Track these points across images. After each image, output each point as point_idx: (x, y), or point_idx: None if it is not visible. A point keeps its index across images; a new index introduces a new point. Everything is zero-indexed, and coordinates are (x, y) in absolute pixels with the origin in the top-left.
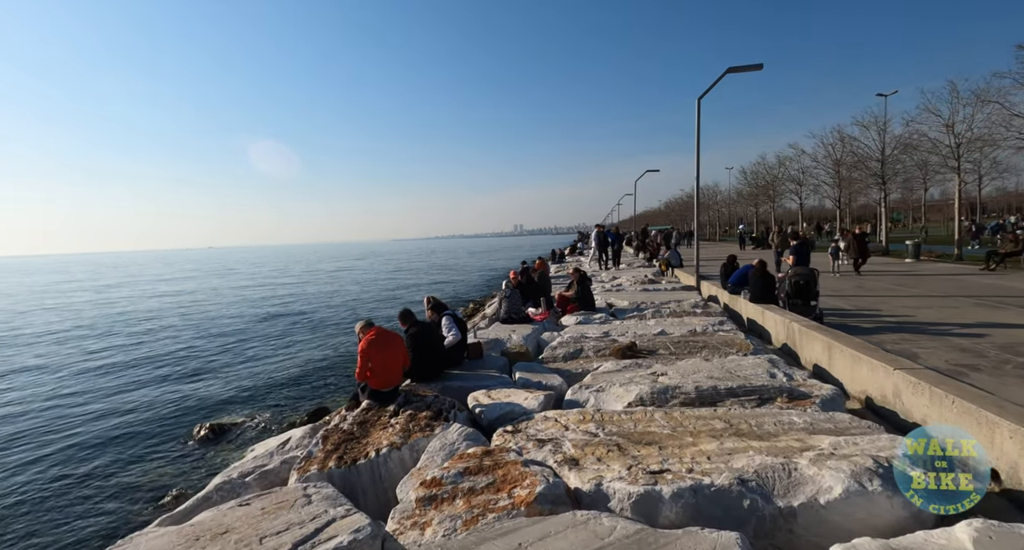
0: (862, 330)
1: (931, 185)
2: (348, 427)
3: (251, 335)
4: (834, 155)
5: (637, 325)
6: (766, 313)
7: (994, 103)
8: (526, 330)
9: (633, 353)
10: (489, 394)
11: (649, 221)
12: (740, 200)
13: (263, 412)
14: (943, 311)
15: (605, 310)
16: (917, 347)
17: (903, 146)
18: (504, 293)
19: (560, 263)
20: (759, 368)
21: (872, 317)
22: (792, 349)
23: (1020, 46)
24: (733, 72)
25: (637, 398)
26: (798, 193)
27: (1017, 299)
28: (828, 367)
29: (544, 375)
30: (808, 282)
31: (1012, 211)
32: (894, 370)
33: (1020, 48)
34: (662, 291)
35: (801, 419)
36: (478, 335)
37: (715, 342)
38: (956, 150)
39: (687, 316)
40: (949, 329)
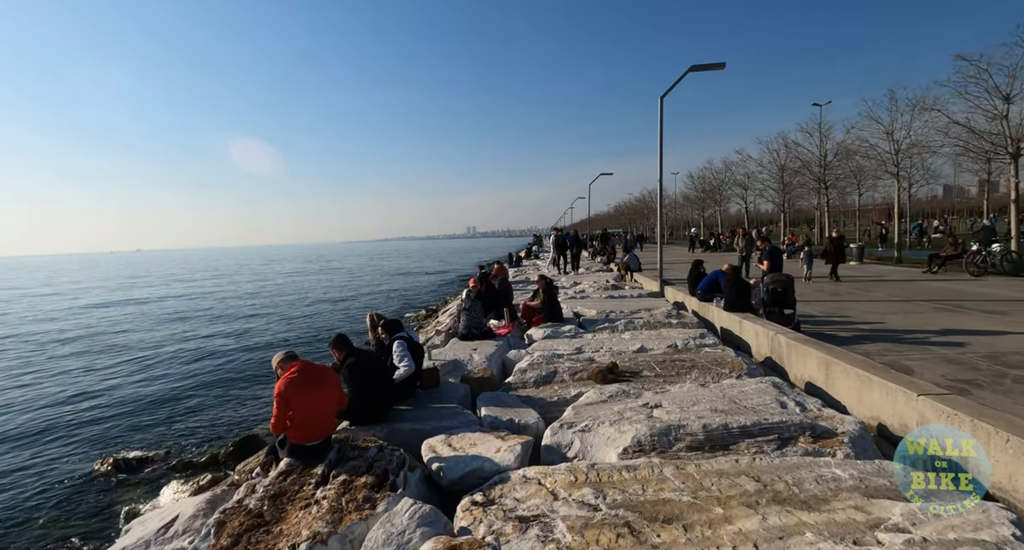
0: (841, 339)
1: (865, 190)
2: (256, 504)
3: (166, 352)
4: (779, 160)
5: (611, 339)
6: (744, 323)
7: (934, 110)
8: (489, 348)
9: (615, 376)
10: (450, 441)
11: (600, 224)
12: (687, 204)
13: (182, 439)
14: (910, 317)
15: (573, 321)
16: (905, 359)
17: (845, 152)
18: (464, 304)
19: (518, 267)
20: (765, 396)
21: (845, 324)
22: (778, 364)
23: (958, 56)
24: (695, 70)
25: (634, 442)
26: (744, 197)
27: (972, 302)
28: (826, 387)
29: (515, 410)
30: (786, 289)
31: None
32: (918, 397)
33: (958, 58)
34: (628, 298)
35: (846, 472)
36: (433, 356)
37: (704, 361)
38: (896, 156)
39: (663, 328)
40: (926, 337)
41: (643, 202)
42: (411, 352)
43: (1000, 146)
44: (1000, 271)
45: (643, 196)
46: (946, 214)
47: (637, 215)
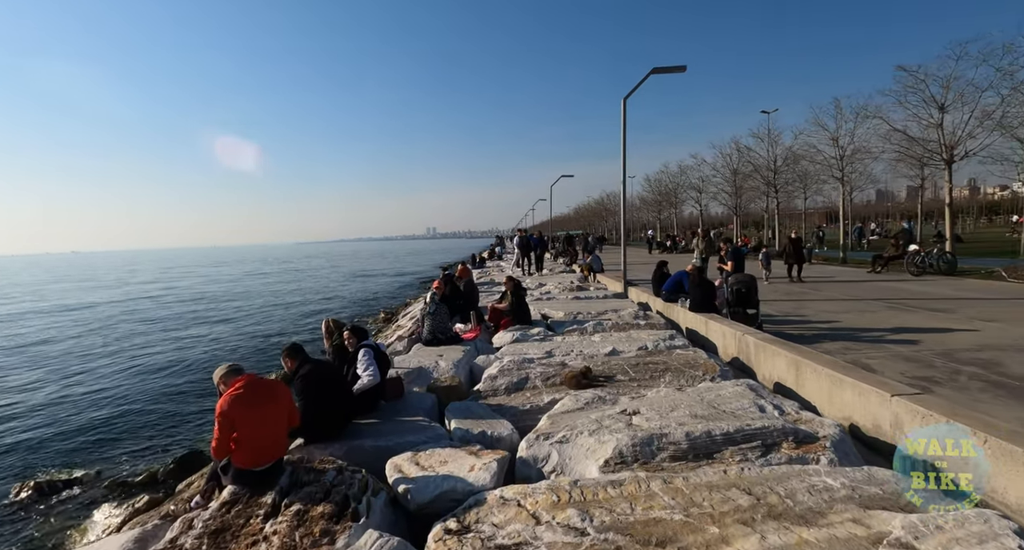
0: (801, 338)
1: (810, 194)
2: (193, 544)
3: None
4: (731, 164)
5: (581, 342)
6: (710, 324)
7: (876, 118)
8: (456, 354)
9: (589, 381)
10: (417, 459)
11: (561, 226)
12: (644, 206)
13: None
14: (864, 315)
15: (542, 323)
16: (865, 358)
17: (794, 157)
18: (428, 308)
19: (481, 268)
20: (743, 399)
21: (803, 323)
22: (746, 364)
23: (899, 67)
24: (657, 72)
25: (615, 453)
26: (699, 200)
27: (917, 301)
28: (796, 387)
29: (487, 421)
30: (749, 289)
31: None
32: (892, 397)
33: (899, 69)
34: (594, 299)
35: (837, 481)
36: (396, 364)
37: (676, 363)
38: (840, 161)
39: (632, 329)
40: (881, 336)
41: (602, 204)
42: (377, 362)
43: (935, 153)
44: (937, 271)
45: (602, 198)
46: (879, 217)
47: (596, 217)
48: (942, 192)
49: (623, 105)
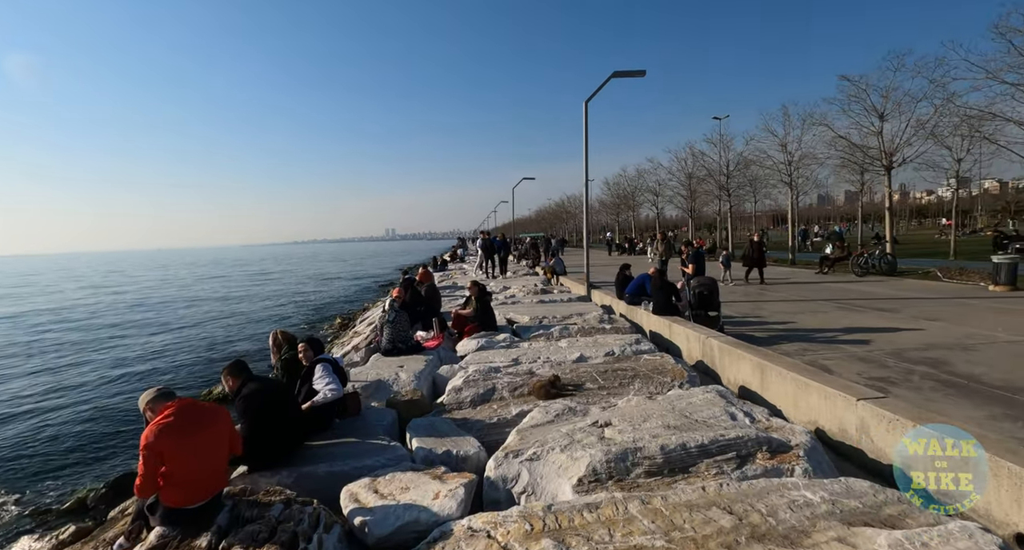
0: (761, 340)
1: (760, 198)
2: None
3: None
4: (686, 168)
5: (548, 348)
6: (674, 327)
7: (822, 125)
8: (417, 364)
9: (558, 390)
10: (376, 486)
11: (522, 228)
12: (603, 209)
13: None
14: (817, 316)
15: (507, 329)
16: (822, 359)
17: (745, 162)
18: (387, 316)
19: (443, 271)
20: (714, 407)
21: (761, 325)
22: (710, 368)
23: (842, 77)
24: (618, 76)
25: (589, 470)
26: (655, 203)
27: (864, 301)
28: (761, 391)
29: (452, 439)
30: (711, 292)
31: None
32: (857, 401)
33: (842, 78)
34: (559, 303)
35: (816, 495)
36: (352, 377)
37: (645, 369)
38: (789, 166)
39: (598, 334)
40: (835, 336)
41: (563, 207)
42: (339, 375)
43: (876, 159)
44: (879, 271)
45: (562, 201)
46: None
47: (557, 220)
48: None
49: (584, 108)
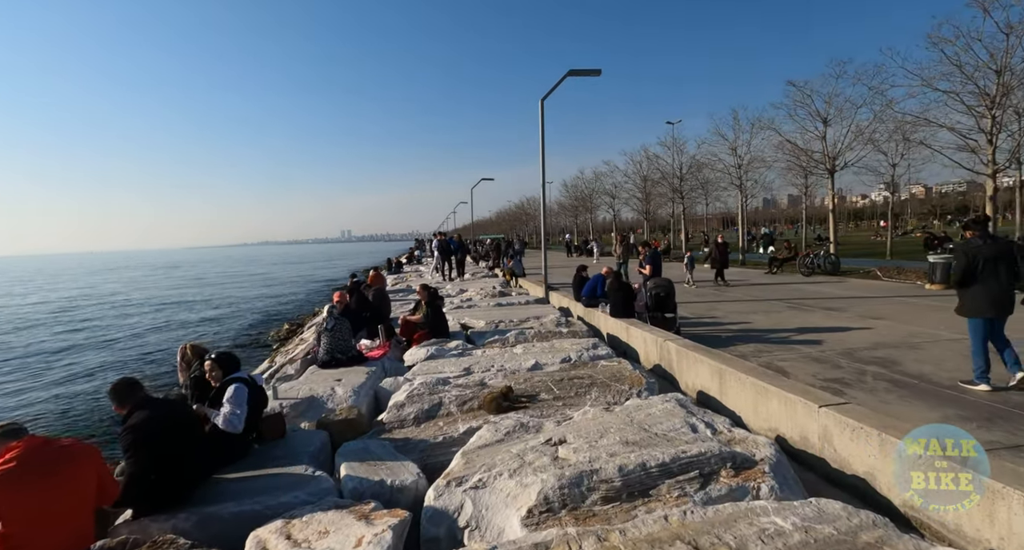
0: (717, 341)
1: (711, 200)
2: None
3: None
4: (641, 171)
5: (503, 355)
6: (631, 329)
7: (770, 129)
8: (357, 377)
9: (510, 402)
10: (290, 530)
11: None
12: (562, 211)
13: None
14: (770, 316)
15: (460, 335)
16: (778, 360)
17: (697, 165)
18: (325, 324)
19: (398, 274)
20: (674, 418)
21: (716, 325)
22: (667, 371)
23: (789, 82)
24: (573, 75)
25: (540, 499)
26: (612, 205)
27: (812, 300)
28: (719, 396)
29: (387, 465)
30: (668, 293)
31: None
32: (819, 408)
33: (789, 84)
34: (516, 306)
35: (787, 521)
36: (281, 394)
37: (602, 376)
38: (739, 170)
39: (555, 338)
40: (788, 336)
41: (522, 209)
42: (253, 396)
43: (820, 163)
44: (824, 271)
45: (522, 203)
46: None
47: (517, 221)
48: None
49: (540, 106)
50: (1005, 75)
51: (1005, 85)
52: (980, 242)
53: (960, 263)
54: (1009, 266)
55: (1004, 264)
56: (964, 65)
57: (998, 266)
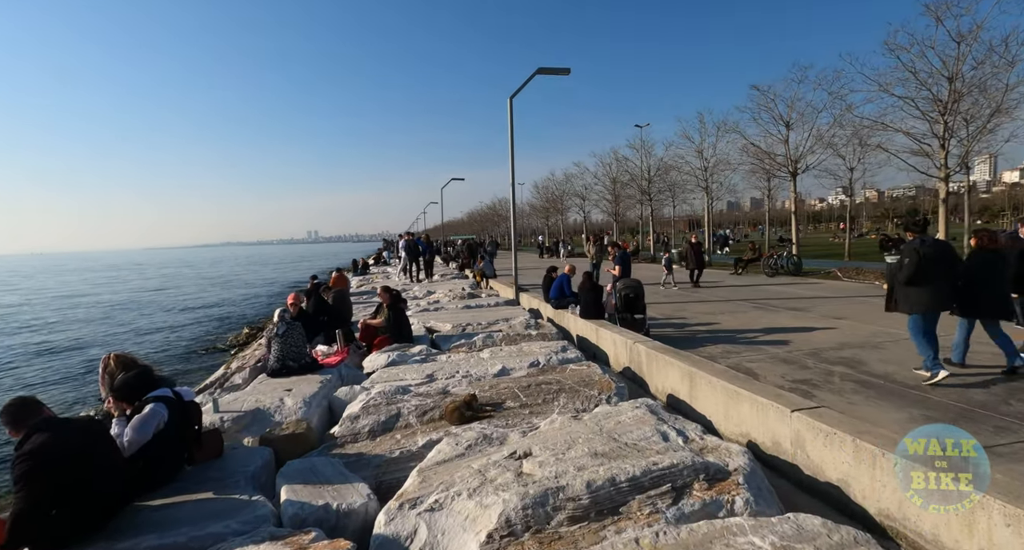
0: (685, 342)
1: (678, 203)
2: None
3: None
4: (611, 173)
5: (469, 360)
6: (601, 331)
7: (735, 132)
8: (310, 387)
9: (474, 412)
10: None
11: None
12: (533, 213)
13: None
14: (737, 316)
15: (425, 338)
16: (747, 361)
17: (665, 168)
18: (275, 329)
19: (364, 275)
20: (644, 425)
21: (684, 326)
22: (637, 374)
23: (753, 86)
24: (542, 73)
25: (502, 522)
26: (582, 207)
27: (777, 301)
28: (690, 400)
29: (334, 488)
30: (637, 294)
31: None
32: (792, 413)
33: (753, 88)
34: (485, 308)
35: (765, 541)
36: (224, 407)
37: (571, 381)
38: (705, 172)
39: (523, 341)
40: (756, 337)
41: (494, 210)
42: (174, 418)
43: (783, 165)
44: (787, 272)
45: (494, 204)
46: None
47: (489, 222)
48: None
49: (509, 104)
50: (957, 82)
51: (957, 92)
52: (922, 242)
53: (912, 262)
54: (949, 266)
55: (943, 263)
56: (919, 72)
57: (940, 266)
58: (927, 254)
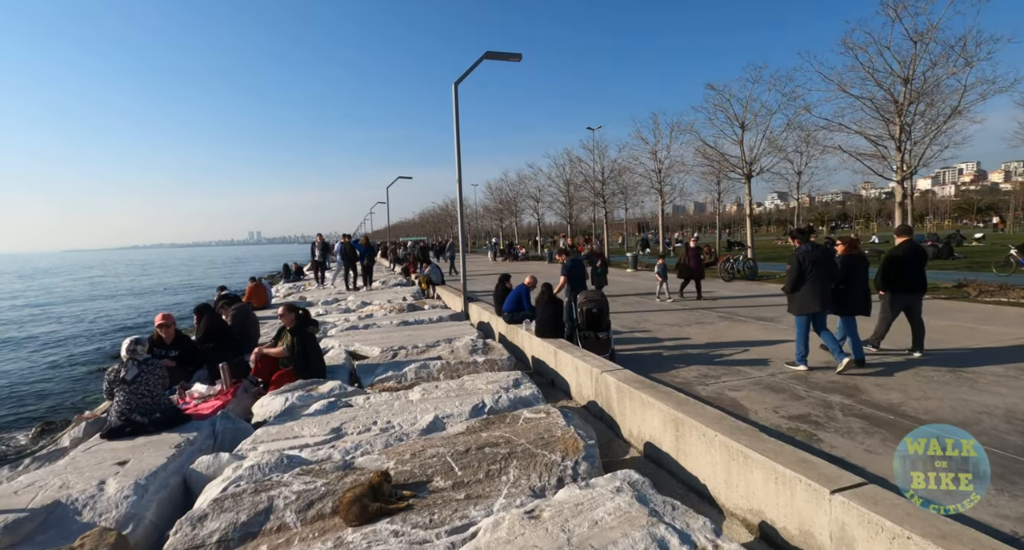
0: (656, 362)
1: (631, 205)
2: None
3: None
4: (564, 175)
5: (392, 405)
6: (560, 354)
7: (690, 133)
8: (156, 456)
9: (384, 503)
10: None
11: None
12: (487, 214)
13: None
14: (705, 328)
15: (343, 369)
16: (729, 388)
17: (619, 169)
18: (121, 372)
19: (295, 283)
20: (633, 529)
21: (650, 341)
22: (605, 412)
23: (709, 85)
24: (490, 58)
25: None
26: (536, 209)
27: (742, 309)
28: (675, 454)
29: None
30: (601, 309)
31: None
32: (831, 496)
33: (709, 87)
34: (427, 324)
35: None
36: (5, 505)
37: (524, 439)
38: (659, 174)
39: (466, 373)
40: (730, 355)
41: (446, 210)
42: None
43: (738, 167)
44: (743, 276)
45: (446, 205)
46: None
47: (442, 223)
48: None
49: (454, 90)
50: (914, 82)
51: (914, 92)
52: (807, 248)
53: (793, 269)
54: (828, 268)
55: (824, 267)
56: (876, 71)
57: (820, 269)
58: (809, 259)
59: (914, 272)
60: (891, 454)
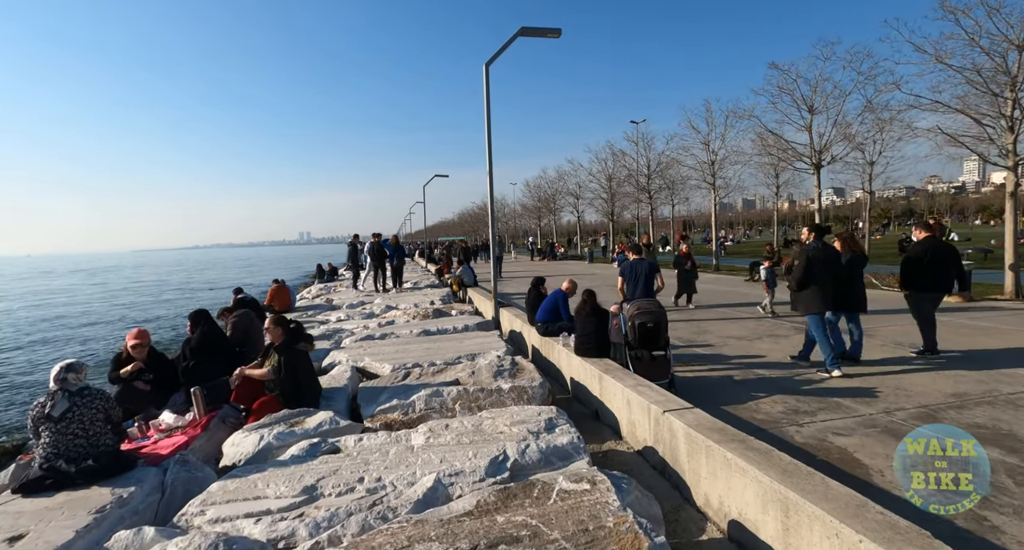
0: (724, 387)
1: (678, 201)
2: None
3: None
4: (607, 169)
5: (386, 456)
6: (608, 381)
7: (751, 118)
8: (73, 517)
9: None
10: None
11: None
12: (525, 213)
13: None
14: (779, 342)
15: (342, 395)
16: (832, 432)
17: (667, 162)
18: (47, 407)
19: (328, 283)
20: None
21: (714, 358)
22: (668, 464)
23: (772, 65)
24: (525, 35)
25: None
26: (576, 206)
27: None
28: (780, 544)
29: None
30: (658, 324)
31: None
32: None
33: (772, 67)
34: (451, 334)
35: None
36: None
37: (559, 533)
38: (712, 166)
39: (488, 404)
40: (819, 381)
41: (484, 210)
42: None
43: (805, 156)
44: None
45: (485, 204)
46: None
47: (480, 223)
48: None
49: (485, 71)
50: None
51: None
52: (817, 246)
53: (802, 263)
54: (836, 270)
55: (832, 268)
56: (983, 37)
57: (828, 269)
58: (819, 258)
59: (936, 270)
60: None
